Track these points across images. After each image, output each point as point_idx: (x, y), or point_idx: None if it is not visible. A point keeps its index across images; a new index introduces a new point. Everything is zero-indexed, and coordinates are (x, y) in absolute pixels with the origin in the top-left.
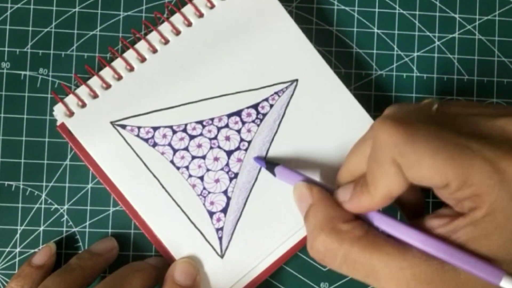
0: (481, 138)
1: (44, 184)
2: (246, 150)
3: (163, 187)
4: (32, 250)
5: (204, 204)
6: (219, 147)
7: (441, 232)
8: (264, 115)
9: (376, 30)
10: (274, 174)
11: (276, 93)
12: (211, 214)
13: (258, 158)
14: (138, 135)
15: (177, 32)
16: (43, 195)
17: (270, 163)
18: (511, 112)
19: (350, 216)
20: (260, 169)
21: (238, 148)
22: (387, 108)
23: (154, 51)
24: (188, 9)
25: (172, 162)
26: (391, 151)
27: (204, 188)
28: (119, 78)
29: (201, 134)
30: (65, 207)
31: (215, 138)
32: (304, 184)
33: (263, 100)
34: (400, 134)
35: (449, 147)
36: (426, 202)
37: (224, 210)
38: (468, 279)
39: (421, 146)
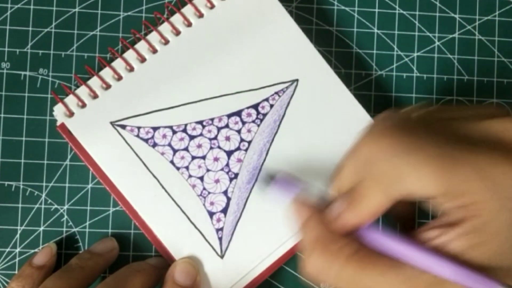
0: (467, 144)
1: (44, 184)
2: (246, 150)
3: (163, 187)
4: (32, 251)
5: (204, 205)
6: (219, 147)
7: (435, 244)
8: (264, 115)
9: (376, 30)
10: (270, 183)
11: (276, 93)
12: (211, 214)
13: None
14: (138, 135)
15: (177, 33)
16: (43, 195)
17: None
18: (492, 113)
19: (342, 233)
20: (260, 170)
21: (238, 148)
22: (375, 118)
23: (154, 51)
24: (188, 9)
25: (172, 162)
26: (381, 162)
27: (204, 189)
28: (119, 78)
29: (201, 134)
30: (65, 207)
31: (215, 138)
32: (298, 200)
33: (263, 100)
34: (384, 147)
35: (435, 158)
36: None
37: (224, 211)
38: None
39: (411, 156)
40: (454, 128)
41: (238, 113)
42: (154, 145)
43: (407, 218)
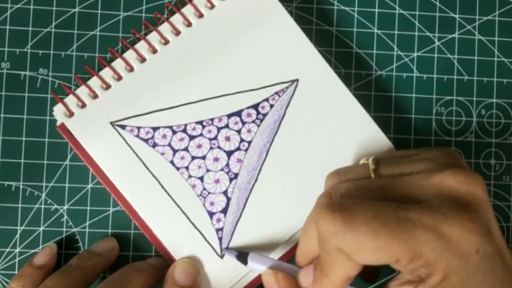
0: (419, 202)
1: (44, 184)
2: (246, 150)
3: (163, 187)
4: (32, 251)
5: (204, 205)
6: (219, 147)
7: None
8: (265, 115)
9: (376, 30)
10: (246, 263)
11: (276, 93)
12: (211, 214)
13: (228, 249)
14: (137, 136)
15: (177, 33)
16: (43, 195)
17: (241, 253)
18: (444, 165)
19: None
20: (260, 170)
21: (238, 149)
22: (326, 177)
23: (154, 51)
24: (188, 9)
25: (172, 162)
26: (333, 241)
27: (204, 189)
28: (119, 78)
29: (201, 135)
30: (65, 207)
31: (215, 138)
32: (270, 272)
33: (263, 100)
34: (339, 222)
35: (389, 225)
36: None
37: (224, 211)
38: None
39: (362, 231)
40: (407, 185)
41: (238, 113)
42: (154, 145)
43: (370, 272)
